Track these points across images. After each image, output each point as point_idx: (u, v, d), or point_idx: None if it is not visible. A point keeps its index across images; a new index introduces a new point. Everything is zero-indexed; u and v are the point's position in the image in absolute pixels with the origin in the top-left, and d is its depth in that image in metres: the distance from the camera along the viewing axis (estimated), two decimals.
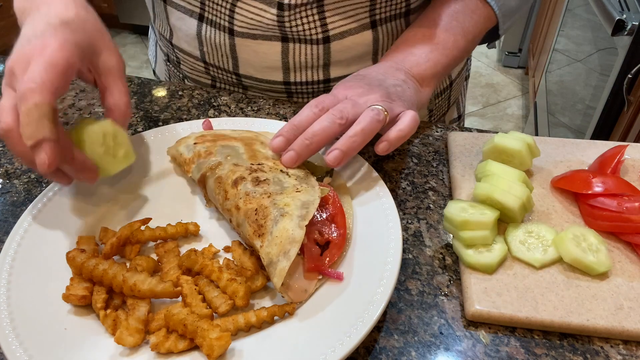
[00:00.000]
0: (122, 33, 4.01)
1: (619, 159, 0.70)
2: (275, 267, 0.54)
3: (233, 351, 0.52)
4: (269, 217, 0.58)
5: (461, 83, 1.08)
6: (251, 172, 0.63)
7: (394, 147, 0.66)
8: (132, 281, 0.54)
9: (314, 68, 0.86)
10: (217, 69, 0.90)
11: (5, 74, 0.60)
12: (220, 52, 0.86)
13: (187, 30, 0.87)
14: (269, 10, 0.79)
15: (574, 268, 0.61)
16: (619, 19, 1.54)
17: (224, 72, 0.90)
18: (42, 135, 0.54)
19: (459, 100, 1.10)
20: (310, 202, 0.59)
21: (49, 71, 0.56)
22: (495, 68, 3.53)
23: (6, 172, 0.77)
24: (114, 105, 0.65)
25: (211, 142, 0.70)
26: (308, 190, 0.62)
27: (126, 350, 0.52)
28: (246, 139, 0.71)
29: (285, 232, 0.55)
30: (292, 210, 0.58)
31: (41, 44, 0.58)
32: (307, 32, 0.81)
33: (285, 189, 0.61)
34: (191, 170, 0.69)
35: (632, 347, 0.56)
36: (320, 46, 0.83)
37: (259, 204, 0.59)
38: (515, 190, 0.63)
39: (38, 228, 0.63)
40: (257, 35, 0.82)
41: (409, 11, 0.86)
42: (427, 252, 0.66)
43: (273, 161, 0.67)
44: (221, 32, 0.84)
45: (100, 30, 0.67)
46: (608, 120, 1.76)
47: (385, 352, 0.55)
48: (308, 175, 0.66)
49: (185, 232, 0.63)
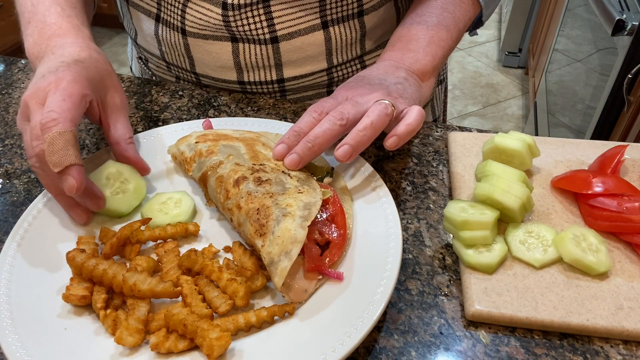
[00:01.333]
0: (121, 33, 4.01)
1: (619, 159, 0.70)
2: (276, 266, 0.54)
3: (233, 351, 0.52)
4: (271, 217, 0.58)
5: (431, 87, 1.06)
6: (253, 172, 0.63)
7: (404, 142, 0.66)
8: (132, 281, 0.54)
9: (266, 68, 0.86)
10: (177, 67, 0.92)
11: (20, 108, 0.63)
12: (177, 52, 0.88)
13: (147, 30, 0.89)
14: (214, 10, 0.79)
15: (574, 268, 0.61)
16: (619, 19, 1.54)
17: (183, 71, 0.92)
18: (69, 161, 0.57)
19: (433, 104, 1.09)
20: (313, 204, 0.59)
21: (67, 101, 0.60)
22: (495, 68, 3.53)
23: (6, 172, 0.77)
24: (118, 138, 0.69)
25: (213, 142, 0.70)
26: (310, 192, 0.62)
27: (126, 350, 0.52)
28: (248, 140, 0.71)
29: (287, 232, 0.55)
30: (295, 211, 0.58)
31: (55, 78, 0.62)
32: (254, 32, 0.81)
33: (287, 190, 0.62)
34: (192, 169, 0.69)
35: (632, 347, 0.56)
36: (269, 46, 0.83)
37: (261, 204, 0.59)
38: (515, 190, 0.63)
39: (38, 228, 0.63)
40: (208, 35, 0.83)
41: (362, 12, 0.85)
42: (427, 252, 0.66)
43: (275, 162, 0.67)
44: (176, 32, 0.85)
45: (109, 70, 0.71)
46: (608, 120, 1.76)
47: (385, 352, 0.55)
48: (309, 177, 0.66)
49: (185, 232, 0.63)
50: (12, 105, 0.92)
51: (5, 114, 0.90)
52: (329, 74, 0.90)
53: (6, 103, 0.93)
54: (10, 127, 0.87)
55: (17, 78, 0.99)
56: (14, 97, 0.94)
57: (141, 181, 0.68)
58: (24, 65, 1.03)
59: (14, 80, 0.99)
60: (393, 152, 0.80)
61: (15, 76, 1.00)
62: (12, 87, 0.97)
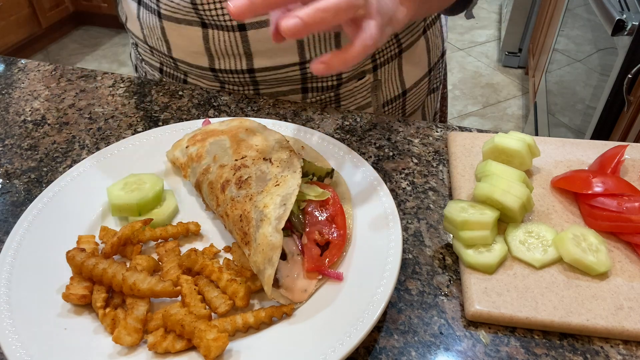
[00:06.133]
0: (122, 33, 4.01)
1: (619, 159, 0.70)
2: (263, 275, 0.54)
3: (231, 352, 0.52)
4: (251, 224, 0.57)
5: (420, 94, 1.03)
6: (235, 172, 0.63)
7: (334, 70, 0.55)
8: (131, 280, 0.54)
9: (236, 56, 0.86)
10: (158, 52, 0.93)
11: None
12: (156, 36, 0.89)
13: (132, 13, 0.91)
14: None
15: (574, 268, 0.61)
16: (619, 19, 1.54)
17: (163, 56, 0.93)
18: None
19: (424, 112, 1.07)
20: (289, 196, 0.57)
21: None
22: (495, 68, 3.53)
23: (6, 172, 0.77)
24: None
25: (201, 142, 0.70)
26: (287, 179, 0.60)
27: (125, 350, 0.52)
28: (233, 129, 0.71)
29: (265, 239, 0.55)
30: (270, 212, 0.57)
31: None
32: (221, 18, 0.82)
33: (266, 185, 0.60)
34: (188, 175, 0.70)
35: (632, 347, 0.56)
36: (237, 33, 0.83)
37: (242, 210, 0.59)
38: (515, 190, 0.63)
39: (38, 228, 0.63)
40: (180, 19, 0.84)
41: None
42: (427, 252, 0.66)
43: (256, 149, 0.66)
44: (153, 15, 0.87)
45: None
46: (608, 120, 1.76)
47: (385, 352, 0.55)
48: (292, 156, 0.63)
49: (186, 231, 0.63)
50: (12, 105, 0.92)
51: (5, 114, 0.90)
52: (302, 68, 0.88)
53: (6, 103, 0.93)
54: (10, 127, 0.87)
55: (17, 78, 0.99)
56: (14, 97, 0.94)
57: (159, 181, 0.68)
58: (24, 65, 1.03)
59: (14, 80, 0.99)
60: (393, 152, 0.80)
61: (15, 76, 1.00)
62: (12, 87, 0.97)
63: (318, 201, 0.63)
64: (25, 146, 0.82)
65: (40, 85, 0.97)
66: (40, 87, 0.97)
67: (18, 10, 3.47)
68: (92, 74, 1.00)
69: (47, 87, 0.97)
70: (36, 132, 0.85)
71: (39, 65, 1.03)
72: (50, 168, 0.78)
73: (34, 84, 0.98)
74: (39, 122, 0.88)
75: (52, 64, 1.03)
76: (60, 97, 0.94)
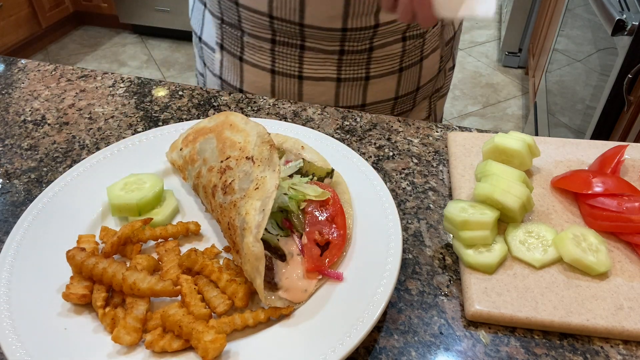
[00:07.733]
0: (122, 33, 4.01)
1: (619, 159, 0.70)
2: (254, 283, 0.54)
3: (230, 352, 0.52)
4: (237, 233, 0.57)
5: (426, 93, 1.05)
6: (221, 175, 0.63)
7: None
8: (131, 280, 0.54)
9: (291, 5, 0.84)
10: (281, 21, 0.89)
11: None
12: (291, 5, 0.86)
13: None
14: None
15: (574, 268, 0.61)
16: (619, 19, 1.54)
17: (286, 24, 0.89)
18: None
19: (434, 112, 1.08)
20: (267, 200, 0.56)
21: None
22: (495, 68, 3.53)
23: (6, 172, 0.77)
24: None
25: (192, 143, 0.71)
26: (266, 181, 0.59)
27: (124, 349, 0.52)
28: (219, 126, 0.71)
29: (249, 249, 0.54)
30: (251, 220, 0.56)
31: None
32: None
33: (248, 187, 0.60)
34: (187, 178, 0.70)
35: (632, 347, 0.56)
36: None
37: (229, 217, 0.59)
38: (515, 190, 0.63)
39: (38, 228, 0.63)
40: None
41: None
42: (427, 252, 0.66)
43: (239, 147, 0.65)
44: None
45: None
46: (608, 120, 1.76)
47: (385, 352, 0.55)
48: (272, 153, 0.62)
49: (186, 231, 0.63)
50: (12, 105, 0.92)
51: (5, 114, 0.90)
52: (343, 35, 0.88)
53: (6, 103, 0.93)
54: (10, 127, 0.87)
55: (17, 78, 0.99)
56: (14, 97, 0.94)
57: (159, 181, 0.68)
58: (24, 65, 1.03)
59: (14, 80, 0.99)
60: (393, 152, 0.80)
61: (15, 76, 1.00)
62: (12, 87, 0.97)
63: (318, 201, 0.63)
64: (25, 146, 0.82)
65: (40, 85, 0.97)
66: (40, 87, 0.97)
67: (18, 10, 3.47)
68: (92, 74, 1.00)
69: (47, 87, 0.97)
70: (36, 132, 0.85)
71: (39, 65, 1.03)
72: (50, 168, 0.78)
73: (34, 84, 0.98)
74: (39, 122, 0.88)
75: (52, 64, 1.03)
76: (60, 97, 0.94)
